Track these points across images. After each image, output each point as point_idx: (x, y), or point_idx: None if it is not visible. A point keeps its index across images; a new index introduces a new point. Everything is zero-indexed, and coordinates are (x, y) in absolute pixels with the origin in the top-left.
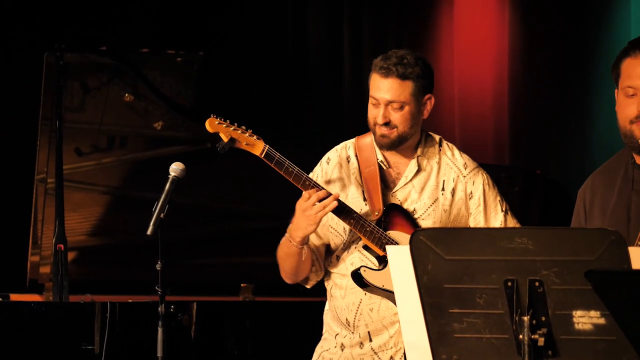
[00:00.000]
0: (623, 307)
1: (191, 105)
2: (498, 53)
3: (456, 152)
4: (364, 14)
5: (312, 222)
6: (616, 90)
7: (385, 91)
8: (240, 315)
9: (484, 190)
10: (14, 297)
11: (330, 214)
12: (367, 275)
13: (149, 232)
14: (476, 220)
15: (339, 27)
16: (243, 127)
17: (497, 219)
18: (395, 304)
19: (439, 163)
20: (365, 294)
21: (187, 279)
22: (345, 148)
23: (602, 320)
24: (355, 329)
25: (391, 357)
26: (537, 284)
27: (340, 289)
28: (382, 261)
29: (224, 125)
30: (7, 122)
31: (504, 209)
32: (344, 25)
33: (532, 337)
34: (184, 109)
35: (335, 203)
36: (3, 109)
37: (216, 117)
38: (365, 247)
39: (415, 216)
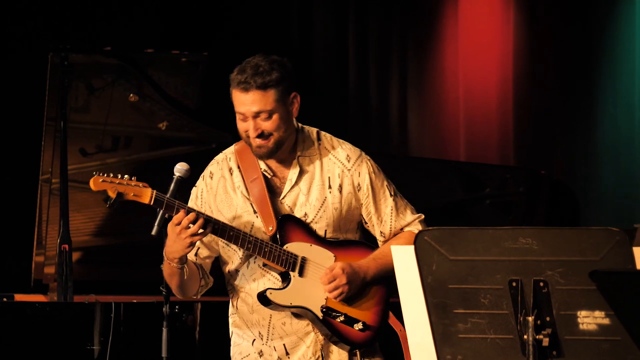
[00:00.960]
0: (628, 307)
1: (196, 105)
2: (503, 54)
3: (335, 143)
4: (369, 15)
5: (185, 245)
6: None
7: (249, 104)
8: None
9: (370, 179)
10: (19, 297)
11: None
12: (273, 297)
13: (153, 232)
14: (367, 210)
15: (344, 28)
16: (127, 176)
17: (387, 204)
18: (304, 316)
19: (320, 159)
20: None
21: None
22: (227, 160)
23: (606, 321)
24: (270, 342)
25: None
26: (541, 284)
27: (246, 305)
28: (285, 277)
29: (109, 182)
30: (12, 122)
31: (392, 193)
32: (349, 27)
33: (537, 337)
34: (188, 110)
35: (208, 229)
36: (8, 109)
37: (100, 175)
38: (265, 265)
39: (308, 220)
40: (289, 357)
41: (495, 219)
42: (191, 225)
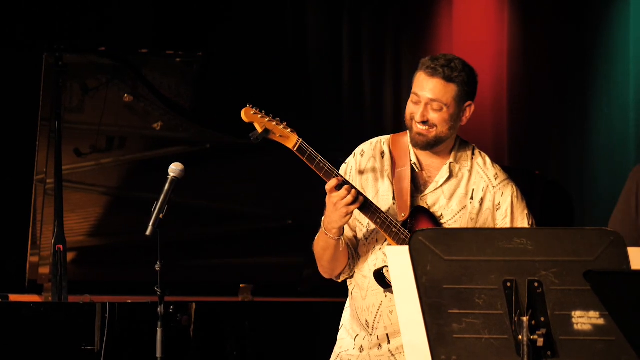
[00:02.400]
0: (622, 307)
1: (190, 106)
2: (497, 54)
3: (488, 161)
4: (363, 15)
5: (342, 215)
6: None
7: (428, 90)
8: (239, 315)
9: (512, 202)
10: (13, 297)
11: (357, 211)
12: (389, 275)
13: (148, 232)
14: None
15: (339, 29)
16: (278, 119)
17: None
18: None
19: (470, 171)
20: (386, 295)
21: (186, 280)
22: (380, 142)
23: (601, 321)
24: (374, 331)
25: None
26: (536, 284)
27: (361, 290)
28: None
29: (259, 116)
30: (7, 122)
31: (530, 223)
32: (343, 28)
33: (531, 337)
34: (183, 110)
35: (361, 198)
36: (2, 109)
37: (252, 107)
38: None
39: (442, 221)
40: (389, 344)
41: None
42: (347, 196)
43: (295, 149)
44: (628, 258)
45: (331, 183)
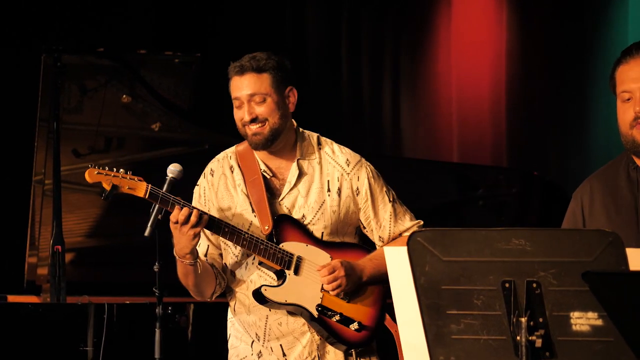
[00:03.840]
0: (621, 308)
1: (189, 106)
2: (496, 55)
3: (336, 147)
4: (362, 15)
5: (190, 239)
6: (618, 101)
7: (244, 87)
8: None
9: (369, 184)
10: (12, 298)
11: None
12: (268, 293)
13: (146, 233)
14: (366, 214)
15: (338, 29)
16: (122, 170)
17: (387, 209)
18: (299, 314)
19: (320, 163)
20: (270, 310)
21: None
22: (227, 158)
23: (599, 322)
24: (267, 343)
25: None
26: (534, 285)
27: (244, 306)
28: (281, 275)
29: (104, 174)
30: (5, 123)
31: (391, 199)
32: (342, 27)
33: (530, 338)
34: (181, 110)
35: (205, 217)
36: (1, 110)
37: (95, 167)
38: (261, 264)
39: (305, 222)
40: (285, 358)
41: (488, 219)
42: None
43: (147, 196)
44: (626, 259)
45: (174, 214)
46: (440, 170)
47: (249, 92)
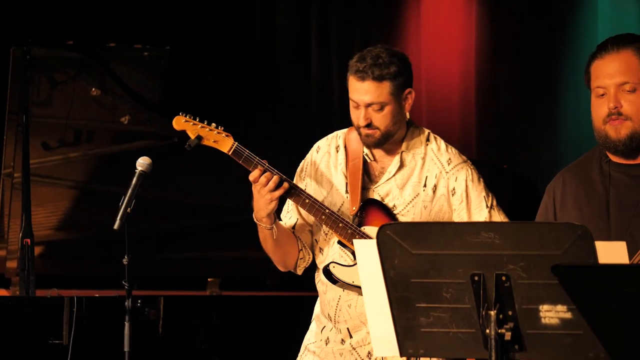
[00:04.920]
0: (589, 301)
1: (158, 99)
2: (465, 48)
3: (442, 146)
4: (331, 8)
5: (267, 202)
6: (592, 95)
7: (363, 94)
8: (207, 309)
9: (466, 186)
10: None
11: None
12: (335, 271)
13: (115, 226)
14: (460, 217)
15: (307, 21)
16: (212, 124)
17: (482, 214)
18: None
19: (423, 158)
20: (344, 290)
21: (154, 273)
22: (336, 138)
23: (568, 315)
24: (336, 325)
25: (369, 353)
26: (503, 278)
27: (322, 285)
28: (355, 257)
29: (191, 123)
30: None
31: (489, 205)
32: (312, 20)
33: (499, 331)
34: (151, 104)
35: (285, 184)
36: None
37: (184, 115)
38: (340, 243)
39: (395, 212)
40: (351, 338)
41: None
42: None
43: (231, 152)
44: (595, 252)
45: (254, 173)
46: None
47: (367, 100)
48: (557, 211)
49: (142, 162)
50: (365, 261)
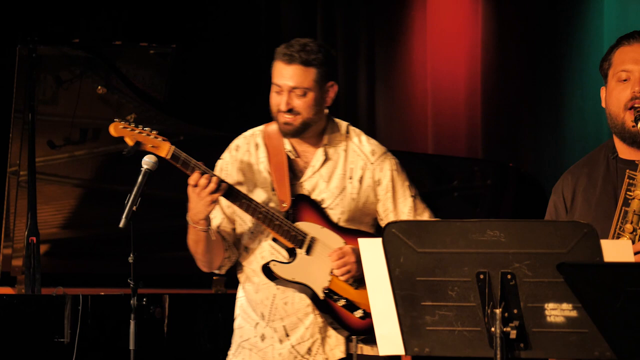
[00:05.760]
0: (595, 299)
1: (164, 97)
2: (471, 46)
3: (364, 138)
4: (337, 9)
5: (207, 204)
6: (603, 89)
7: (288, 77)
8: (213, 307)
9: (392, 176)
10: None
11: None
12: (276, 269)
13: (121, 224)
14: (385, 206)
15: (313, 21)
16: (148, 129)
17: (406, 204)
18: (305, 294)
19: (345, 151)
20: (278, 288)
21: (159, 272)
22: (254, 135)
23: (574, 313)
24: (271, 323)
25: (309, 349)
26: (509, 276)
27: (253, 284)
28: (292, 254)
29: (129, 130)
30: None
31: (412, 194)
32: (317, 20)
33: (504, 329)
34: (157, 102)
35: (224, 185)
36: None
37: (120, 121)
38: (275, 240)
39: (324, 206)
40: (288, 338)
41: (463, 211)
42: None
43: (169, 156)
44: (601, 250)
45: (194, 176)
46: (415, 161)
47: (292, 84)
48: (568, 211)
49: (147, 161)
50: (370, 260)
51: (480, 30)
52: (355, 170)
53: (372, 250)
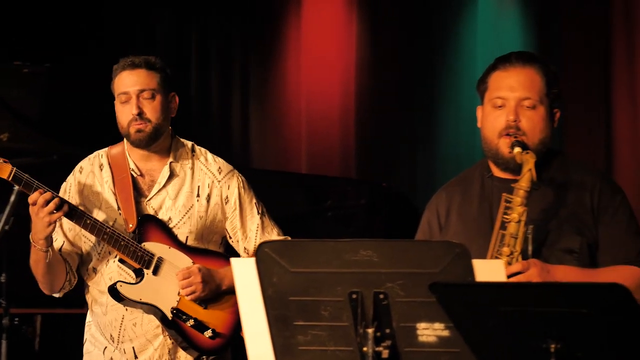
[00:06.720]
0: (466, 319)
1: (38, 116)
2: (345, 67)
3: (210, 156)
4: (210, 27)
5: (45, 225)
6: (479, 108)
7: (133, 82)
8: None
9: (239, 193)
10: None
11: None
12: (123, 290)
13: None
14: (233, 224)
15: (187, 40)
16: None
17: (254, 221)
18: (154, 315)
19: (192, 168)
20: (127, 309)
21: (32, 291)
22: (99, 156)
23: (446, 333)
24: (120, 345)
25: None
26: (381, 296)
27: (101, 306)
28: (139, 274)
29: None
30: None
31: (260, 212)
32: (192, 37)
33: (377, 349)
34: (30, 121)
35: (65, 206)
36: None
37: None
38: (121, 261)
39: (171, 225)
40: (136, 359)
41: (337, 231)
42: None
43: (10, 178)
44: (473, 270)
45: (33, 196)
46: (288, 181)
47: (139, 87)
48: (443, 228)
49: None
50: (243, 279)
51: (355, 51)
52: (202, 188)
53: (245, 270)
